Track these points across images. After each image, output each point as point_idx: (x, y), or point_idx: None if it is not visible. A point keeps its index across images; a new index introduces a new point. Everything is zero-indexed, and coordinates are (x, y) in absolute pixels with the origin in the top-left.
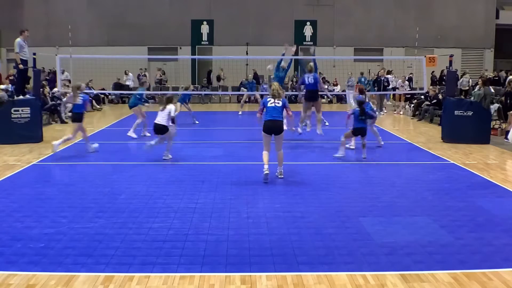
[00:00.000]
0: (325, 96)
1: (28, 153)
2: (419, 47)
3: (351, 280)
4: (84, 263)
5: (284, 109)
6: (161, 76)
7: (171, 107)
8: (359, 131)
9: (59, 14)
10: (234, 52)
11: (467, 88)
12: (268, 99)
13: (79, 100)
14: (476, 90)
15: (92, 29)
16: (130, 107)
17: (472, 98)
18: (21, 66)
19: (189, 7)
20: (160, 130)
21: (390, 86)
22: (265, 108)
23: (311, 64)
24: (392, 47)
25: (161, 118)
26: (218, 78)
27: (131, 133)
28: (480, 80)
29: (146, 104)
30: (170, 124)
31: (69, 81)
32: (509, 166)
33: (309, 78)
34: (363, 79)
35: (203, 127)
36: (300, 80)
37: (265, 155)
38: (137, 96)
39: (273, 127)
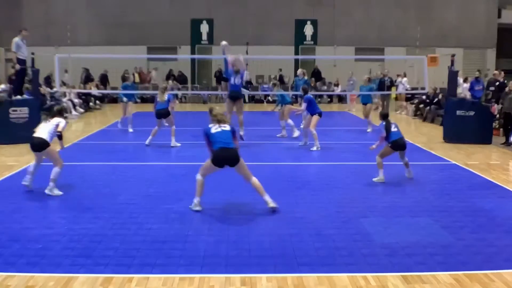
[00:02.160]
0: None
1: (27, 154)
2: (420, 47)
3: (352, 281)
4: (83, 264)
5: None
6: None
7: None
8: (398, 144)
9: (58, 14)
10: (234, 51)
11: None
12: (210, 125)
13: (165, 98)
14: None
15: (92, 29)
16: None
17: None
18: (17, 66)
19: (188, 6)
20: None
21: (401, 87)
22: (210, 138)
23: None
24: (393, 47)
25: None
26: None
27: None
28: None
29: (125, 99)
30: None
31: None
32: (511, 166)
33: (235, 79)
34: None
35: (203, 127)
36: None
37: (199, 181)
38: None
39: (227, 158)
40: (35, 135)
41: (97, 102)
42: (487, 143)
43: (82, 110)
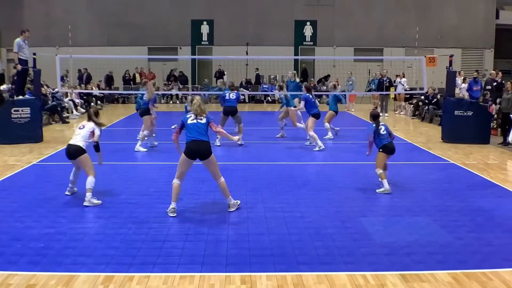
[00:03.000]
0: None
1: (28, 153)
2: (419, 47)
3: (351, 280)
4: (84, 263)
5: (210, 127)
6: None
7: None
8: (389, 148)
9: (59, 14)
10: (234, 52)
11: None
12: (188, 116)
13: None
14: (505, 95)
15: (92, 29)
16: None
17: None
18: (19, 66)
19: (189, 7)
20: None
21: (400, 87)
22: (184, 127)
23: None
24: (392, 47)
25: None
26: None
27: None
28: (509, 83)
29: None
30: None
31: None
32: (509, 166)
33: (230, 94)
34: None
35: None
36: (221, 95)
37: (175, 186)
38: (140, 98)
39: (197, 150)
40: (71, 142)
41: (98, 102)
42: (485, 143)
43: (83, 110)
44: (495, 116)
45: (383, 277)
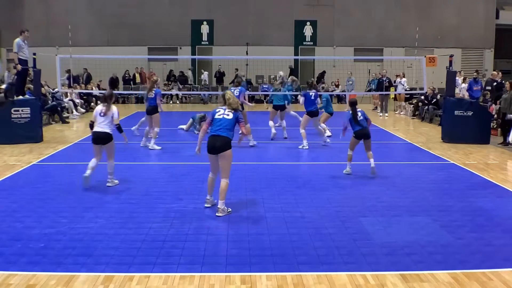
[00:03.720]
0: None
1: (28, 153)
2: (419, 47)
3: (351, 280)
4: (84, 263)
5: (237, 124)
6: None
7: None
8: (360, 134)
9: (59, 14)
10: (234, 52)
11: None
12: (217, 110)
13: (152, 94)
14: (504, 95)
15: (92, 29)
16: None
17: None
18: (18, 66)
19: (189, 7)
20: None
21: (400, 87)
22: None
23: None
24: (392, 47)
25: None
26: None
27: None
28: (508, 83)
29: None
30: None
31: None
32: (509, 166)
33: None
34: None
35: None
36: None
37: (208, 179)
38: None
39: (214, 145)
40: (98, 129)
41: (98, 102)
42: (485, 143)
43: (83, 110)
44: (495, 116)
45: (383, 277)
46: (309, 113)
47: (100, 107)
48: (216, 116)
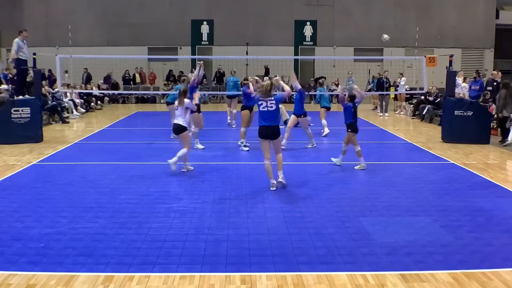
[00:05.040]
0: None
1: (28, 153)
2: (419, 47)
3: (351, 280)
4: (84, 263)
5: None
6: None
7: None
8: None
9: (59, 14)
10: (234, 52)
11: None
12: (260, 102)
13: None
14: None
15: (92, 29)
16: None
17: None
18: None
19: (189, 7)
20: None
21: (401, 87)
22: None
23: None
24: (392, 47)
25: (178, 118)
26: (220, 79)
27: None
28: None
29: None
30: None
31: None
32: (509, 166)
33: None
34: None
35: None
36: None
37: (265, 166)
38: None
39: (269, 133)
40: (175, 121)
41: (98, 102)
42: (485, 143)
43: (83, 110)
44: (495, 116)
45: (383, 277)
46: (295, 114)
47: (176, 103)
48: (261, 109)
